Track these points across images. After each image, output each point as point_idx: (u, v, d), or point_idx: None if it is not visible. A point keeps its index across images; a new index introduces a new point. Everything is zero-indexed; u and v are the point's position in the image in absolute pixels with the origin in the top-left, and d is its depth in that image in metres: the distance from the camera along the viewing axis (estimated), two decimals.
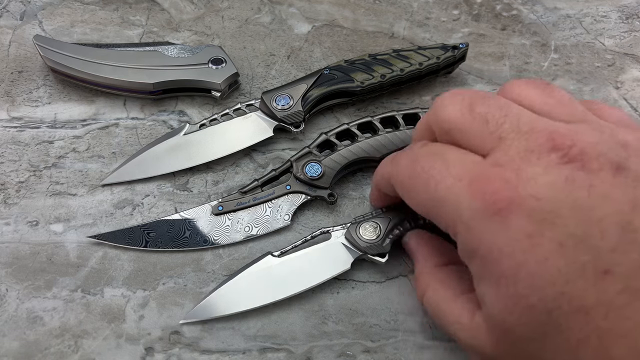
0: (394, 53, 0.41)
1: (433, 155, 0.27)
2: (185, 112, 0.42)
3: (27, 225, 0.36)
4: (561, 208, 0.22)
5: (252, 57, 0.45)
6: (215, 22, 0.46)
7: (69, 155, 0.39)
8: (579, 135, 0.23)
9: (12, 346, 0.32)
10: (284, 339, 0.33)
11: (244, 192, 0.37)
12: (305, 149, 0.38)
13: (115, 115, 0.41)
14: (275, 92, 0.40)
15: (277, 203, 0.37)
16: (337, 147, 0.37)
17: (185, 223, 0.36)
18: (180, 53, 0.41)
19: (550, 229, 0.22)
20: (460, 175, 0.24)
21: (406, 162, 0.28)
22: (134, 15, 0.46)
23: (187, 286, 0.35)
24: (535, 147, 0.23)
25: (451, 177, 0.25)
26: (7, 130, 0.40)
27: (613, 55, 0.46)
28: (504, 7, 0.48)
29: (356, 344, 0.33)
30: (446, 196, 0.25)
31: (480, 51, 0.46)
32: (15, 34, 0.45)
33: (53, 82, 0.43)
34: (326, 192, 0.37)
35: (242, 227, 0.36)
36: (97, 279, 0.35)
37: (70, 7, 0.47)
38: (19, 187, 0.38)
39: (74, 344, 0.32)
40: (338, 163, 0.37)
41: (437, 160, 0.26)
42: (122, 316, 0.33)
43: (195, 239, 0.36)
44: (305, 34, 0.46)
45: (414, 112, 0.38)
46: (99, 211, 0.37)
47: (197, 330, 0.33)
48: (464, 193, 0.24)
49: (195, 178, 0.39)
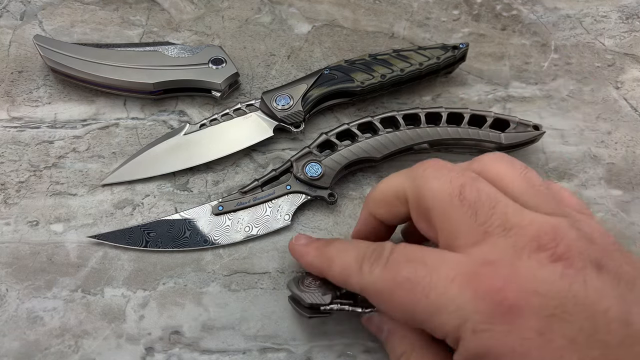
0: (394, 53, 0.41)
1: (412, 262, 0.25)
2: (186, 112, 0.42)
3: (27, 225, 0.36)
4: (566, 304, 0.22)
5: (252, 57, 0.45)
6: (216, 22, 0.46)
7: (69, 155, 0.39)
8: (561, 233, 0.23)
9: (12, 346, 0.32)
10: (284, 339, 0.33)
11: (244, 192, 0.37)
12: (305, 149, 0.38)
13: (116, 115, 0.41)
14: (275, 92, 0.40)
15: (277, 203, 0.37)
16: (338, 147, 0.37)
17: (186, 223, 0.36)
18: (180, 53, 0.41)
19: (560, 324, 0.21)
20: (450, 276, 0.23)
21: (380, 272, 0.26)
22: (134, 15, 0.46)
23: (187, 286, 0.35)
24: (522, 244, 0.23)
25: (441, 280, 0.24)
26: (7, 130, 0.40)
27: (613, 55, 0.46)
28: (504, 7, 0.48)
29: (356, 344, 0.33)
30: (442, 303, 0.23)
31: (480, 51, 0.46)
32: (15, 34, 0.45)
33: (53, 82, 0.43)
34: (326, 192, 0.37)
35: (242, 227, 0.36)
36: (98, 279, 0.35)
37: (70, 7, 0.47)
38: (19, 187, 0.38)
39: (74, 344, 0.32)
40: (338, 163, 0.37)
41: (418, 266, 0.25)
42: (123, 316, 0.33)
43: (196, 239, 0.36)
44: (305, 34, 0.46)
45: (414, 112, 0.38)
46: (99, 211, 0.37)
47: (197, 330, 0.33)
48: (464, 296, 0.23)
49: (195, 178, 0.39)
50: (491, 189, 0.25)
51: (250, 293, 0.35)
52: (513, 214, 0.24)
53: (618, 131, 0.42)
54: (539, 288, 0.22)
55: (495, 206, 0.24)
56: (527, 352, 0.22)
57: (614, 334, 0.21)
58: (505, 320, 0.22)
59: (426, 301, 0.24)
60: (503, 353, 0.22)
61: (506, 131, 0.38)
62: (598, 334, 0.21)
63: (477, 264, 0.23)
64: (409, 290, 0.24)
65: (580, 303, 0.21)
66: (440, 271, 0.24)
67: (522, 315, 0.22)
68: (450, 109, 0.39)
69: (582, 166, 0.40)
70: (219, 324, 0.33)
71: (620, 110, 0.43)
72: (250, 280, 0.35)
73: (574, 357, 0.21)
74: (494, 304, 0.22)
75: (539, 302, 0.22)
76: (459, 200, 0.25)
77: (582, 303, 0.21)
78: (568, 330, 0.21)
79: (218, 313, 0.34)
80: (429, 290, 0.24)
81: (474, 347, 0.23)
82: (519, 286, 0.22)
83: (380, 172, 0.39)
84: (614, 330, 0.21)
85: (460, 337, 0.23)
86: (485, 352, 0.23)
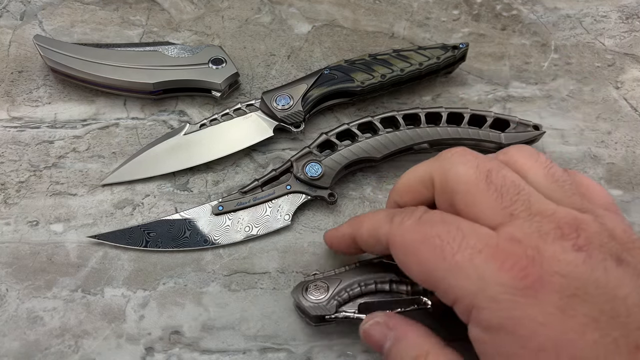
0: (394, 53, 0.41)
1: (446, 223, 0.25)
2: (186, 112, 0.42)
3: (27, 225, 0.36)
4: (587, 286, 0.22)
5: (252, 57, 0.45)
6: (215, 22, 0.46)
7: (69, 155, 0.39)
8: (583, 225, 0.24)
9: (12, 346, 0.32)
10: (284, 339, 0.33)
11: (244, 192, 0.37)
12: (305, 149, 0.38)
13: (116, 115, 0.41)
14: (275, 92, 0.40)
15: (278, 203, 0.37)
16: (338, 147, 0.37)
17: (186, 223, 0.36)
18: (180, 53, 0.41)
19: (582, 305, 0.22)
20: (478, 247, 0.24)
21: (412, 224, 0.26)
22: (134, 15, 0.46)
23: (187, 286, 0.35)
24: (547, 230, 0.24)
25: (469, 247, 0.24)
26: (7, 130, 0.40)
27: (613, 55, 0.46)
28: (504, 7, 0.48)
29: (356, 344, 0.33)
30: (466, 267, 0.24)
31: (480, 51, 0.46)
32: (15, 34, 0.45)
33: (53, 82, 0.43)
34: (326, 192, 0.37)
35: (242, 227, 0.36)
36: (97, 279, 0.35)
37: (70, 7, 0.47)
38: (19, 187, 0.38)
39: (74, 344, 0.32)
40: (338, 163, 0.37)
41: (452, 228, 0.25)
42: (123, 316, 0.33)
43: (196, 238, 0.36)
44: (305, 34, 0.46)
45: (414, 112, 0.38)
46: (99, 211, 0.37)
47: (197, 330, 0.33)
48: (489, 266, 0.23)
49: (195, 178, 0.39)
50: (516, 176, 0.26)
51: (250, 293, 0.35)
52: (537, 202, 0.25)
53: (618, 131, 0.42)
54: (562, 270, 0.22)
55: (519, 192, 0.25)
56: (549, 323, 0.22)
57: (633, 318, 0.21)
58: (528, 293, 0.22)
59: (450, 261, 0.24)
60: (522, 325, 0.22)
61: (506, 131, 0.38)
62: (619, 317, 0.21)
63: (504, 239, 0.24)
64: (437, 247, 0.25)
65: (602, 287, 0.22)
66: (470, 239, 0.24)
67: (545, 292, 0.22)
68: (450, 109, 0.39)
69: (582, 166, 0.40)
70: (219, 324, 0.33)
71: (620, 110, 0.43)
72: (250, 280, 0.35)
73: (595, 334, 0.21)
74: (517, 278, 0.23)
75: (561, 282, 0.22)
76: (486, 184, 0.25)
77: (603, 287, 0.22)
78: (589, 310, 0.22)
79: (218, 313, 0.34)
80: (456, 251, 0.24)
81: (491, 316, 0.23)
82: (542, 265, 0.23)
83: (380, 172, 0.39)
84: (633, 314, 0.21)
85: (475, 305, 0.24)
86: (502, 323, 0.23)
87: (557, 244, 0.23)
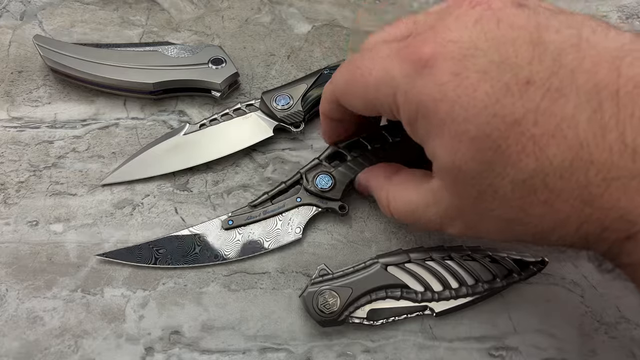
0: None
1: (364, 52, 0.29)
2: (185, 112, 0.42)
3: (27, 225, 0.36)
4: (477, 42, 0.24)
5: (252, 57, 0.45)
6: (215, 22, 0.46)
7: (69, 155, 0.39)
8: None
9: (12, 346, 0.32)
10: (284, 339, 0.33)
11: (254, 206, 0.36)
12: (315, 160, 0.37)
13: (115, 115, 0.41)
14: (275, 92, 0.40)
15: (288, 216, 0.36)
16: (347, 158, 0.36)
17: (195, 238, 0.35)
18: (180, 53, 0.41)
19: (473, 61, 0.23)
20: (388, 54, 0.27)
21: (342, 69, 0.30)
22: (134, 15, 0.46)
23: (187, 286, 0.35)
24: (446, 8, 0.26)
25: (380, 59, 0.27)
26: (7, 130, 0.40)
27: None
28: None
29: (356, 344, 0.33)
30: (381, 76, 0.27)
31: None
32: (15, 34, 0.45)
33: (53, 82, 0.43)
34: (337, 204, 0.36)
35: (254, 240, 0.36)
36: (97, 279, 0.35)
37: (70, 7, 0.47)
38: (19, 187, 0.38)
39: (74, 344, 0.33)
40: (349, 174, 0.36)
41: (368, 53, 0.28)
42: (122, 316, 0.33)
43: (206, 254, 0.35)
44: (305, 34, 0.46)
45: None
46: (99, 211, 0.37)
47: (197, 330, 0.33)
48: (394, 66, 0.26)
49: (195, 178, 0.39)
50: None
51: (250, 293, 0.35)
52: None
53: None
54: (454, 37, 0.24)
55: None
56: (445, 96, 0.24)
57: (522, 56, 0.23)
58: (424, 73, 0.24)
59: (370, 79, 0.27)
60: (426, 105, 0.25)
61: None
62: (508, 60, 0.23)
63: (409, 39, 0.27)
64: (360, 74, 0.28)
65: (491, 38, 0.23)
66: (383, 52, 0.27)
67: (438, 64, 0.24)
68: None
69: None
70: (219, 324, 0.33)
71: None
72: (250, 280, 0.35)
73: (486, 86, 0.23)
74: (413, 62, 0.25)
75: (452, 49, 0.24)
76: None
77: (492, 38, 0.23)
78: (479, 64, 0.23)
79: (218, 313, 0.34)
80: (372, 69, 0.27)
81: (408, 108, 0.26)
82: (435, 41, 0.24)
83: None
84: (522, 53, 0.23)
85: (399, 105, 0.26)
86: (415, 110, 0.25)
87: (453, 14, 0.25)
